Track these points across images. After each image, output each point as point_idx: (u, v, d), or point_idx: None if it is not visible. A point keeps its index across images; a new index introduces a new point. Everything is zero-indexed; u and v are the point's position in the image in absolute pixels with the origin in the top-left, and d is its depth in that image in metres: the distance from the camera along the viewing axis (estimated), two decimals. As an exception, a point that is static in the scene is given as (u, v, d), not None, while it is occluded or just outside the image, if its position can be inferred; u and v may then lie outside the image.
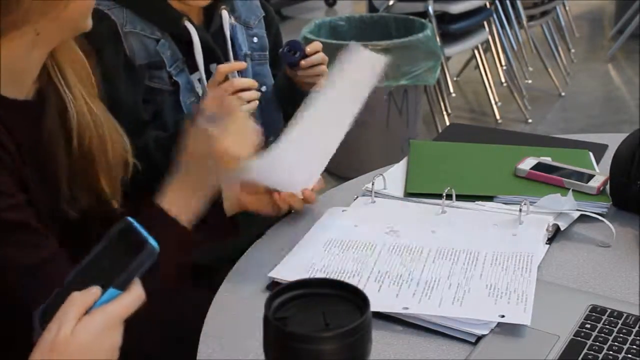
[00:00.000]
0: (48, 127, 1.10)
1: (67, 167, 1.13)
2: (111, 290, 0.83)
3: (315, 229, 1.34)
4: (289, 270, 1.21)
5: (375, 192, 1.44)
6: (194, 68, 1.53)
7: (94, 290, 0.82)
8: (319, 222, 1.36)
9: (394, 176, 1.50)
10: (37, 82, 1.09)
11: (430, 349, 1.06)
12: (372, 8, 3.98)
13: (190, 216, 1.16)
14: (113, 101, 1.25)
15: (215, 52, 1.57)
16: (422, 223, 1.34)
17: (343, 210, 1.40)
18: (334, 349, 0.82)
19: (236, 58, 1.60)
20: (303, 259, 1.24)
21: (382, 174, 1.48)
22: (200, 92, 1.54)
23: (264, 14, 1.69)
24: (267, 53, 1.68)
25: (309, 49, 1.54)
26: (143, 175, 1.43)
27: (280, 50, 1.57)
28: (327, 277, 1.17)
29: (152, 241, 0.84)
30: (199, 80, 1.54)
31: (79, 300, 0.81)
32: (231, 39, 1.60)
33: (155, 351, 1.28)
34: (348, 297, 0.88)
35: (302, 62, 1.54)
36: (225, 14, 1.58)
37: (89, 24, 1.07)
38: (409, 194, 1.44)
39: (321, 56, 1.55)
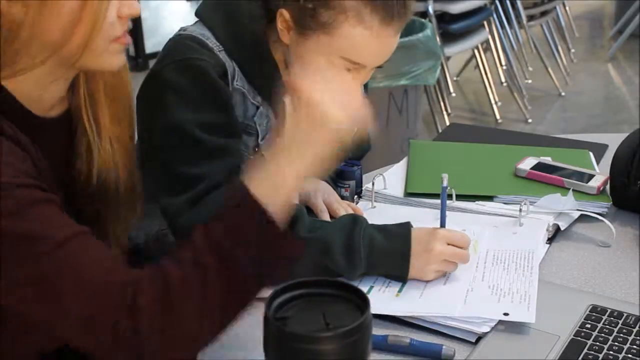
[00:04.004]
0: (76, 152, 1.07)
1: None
2: None
3: None
4: None
5: (375, 192, 1.44)
6: None
7: None
8: None
9: (394, 176, 1.50)
10: (64, 104, 1.07)
11: (430, 349, 1.06)
12: (372, 8, 3.97)
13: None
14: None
15: None
16: (422, 223, 1.34)
17: None
18: (334, 349, 0.82)
19: None
20: None
21: (382, 174, 1.48)
22: None
23: None
24: None
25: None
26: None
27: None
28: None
29: None
30: None
31: None
32: None
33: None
34: (348, 297, 0.88)
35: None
36: None
37: (108, 62, 0.99)
38: (409, 194, 1.44)
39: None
